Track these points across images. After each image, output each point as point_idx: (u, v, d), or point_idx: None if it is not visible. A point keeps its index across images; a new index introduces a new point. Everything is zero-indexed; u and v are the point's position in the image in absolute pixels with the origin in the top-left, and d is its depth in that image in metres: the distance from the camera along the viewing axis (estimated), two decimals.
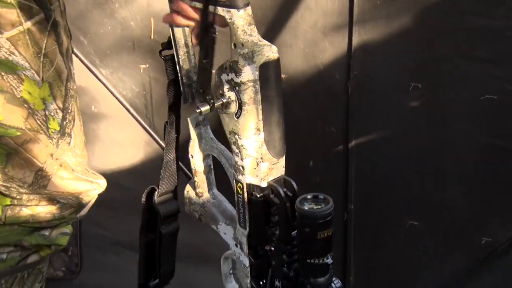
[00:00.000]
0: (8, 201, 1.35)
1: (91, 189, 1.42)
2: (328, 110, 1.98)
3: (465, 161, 1.81)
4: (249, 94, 1.03)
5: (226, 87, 1.04)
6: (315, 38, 1.88)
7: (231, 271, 1.30)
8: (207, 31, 1.03)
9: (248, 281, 1.20)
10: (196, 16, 1.08)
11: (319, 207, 1.01)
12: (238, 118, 1.05)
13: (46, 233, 1.42)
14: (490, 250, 1.78)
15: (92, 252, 2.01)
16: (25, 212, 1.36)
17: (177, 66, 1.18)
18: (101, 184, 1.44)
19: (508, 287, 1.78)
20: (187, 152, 1.26)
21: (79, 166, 1.41)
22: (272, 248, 1.14)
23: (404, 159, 1.92)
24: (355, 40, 1.83)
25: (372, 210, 1.98)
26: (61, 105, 1.34)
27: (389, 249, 2.01)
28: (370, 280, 2.03)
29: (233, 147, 1.08)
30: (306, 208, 1.01)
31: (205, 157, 1.26)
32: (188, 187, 1.30)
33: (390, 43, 1.80)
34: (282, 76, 1.72)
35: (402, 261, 1.99)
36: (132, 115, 1.98)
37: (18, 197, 1.35)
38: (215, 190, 1.29)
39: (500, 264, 1.78)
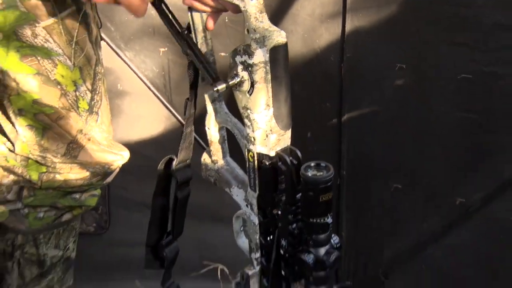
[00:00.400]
0: (44, 168, 1.37)
1: (116, 159, 1.44)
2: (324, 88, 1.98)
3: (442, 132, 1.81)
4: (260, 74, 1.03)
5: (239, 67, 1.04)
6: (313, 25, 1.87)
7: (241, 228, 1.31)
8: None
9: (257, 237, 1.20)
10: (212, 3, 1.08)
11: (322, 173, 1.01)
12: (250, 95, 1.04)
13: (77, 196, 1.44)
14: (463, 209, 1.78)
15: (119, 211, 2.03)
16: (59, 178, 1.38)
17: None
18: (125, 156, 1.46)
19: (479, 241, 1.79)
20: (203, 125, 1.25)
21: (106, 140, 1.42)
22: (279, 212, 1.13)
23: (389, 131, 1.92)
24: (348, 27, 1.82)
25: (362, 176, 1.98)
26: (90, 87, 1.35)
27: (376, 209, 2.01)
28: (359, 236, 2.04)
29: (246, 120, 1.08)
30: (310, 175, 1.00)
31: (220, 129, 1.25)
32: (204, 155, 1.29)
33: (379, 29, 1.79)
34: None
35: (387, 219, 2.00)
36: (152, 92, 1.98)
37: (52, 165, 1.37)
38: (228, 158, 1.28)
39: (472, 221, 1.78)
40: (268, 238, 1.18)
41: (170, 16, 1.13)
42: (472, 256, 1.81)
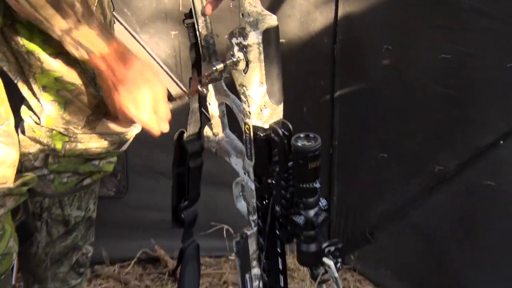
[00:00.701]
0: (66, 138, 1.37)
1: (130, 130, 1.44)
2: (318, 68, 1.97)
3: (423, 107, 1.81)
4: (254, 54, 1.03)
5: (235, 48, 1.04)
6: (309, 9, 1.86)
7: (240, 193, 1.30)
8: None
9: (254, 200, 1.20)
10: None
11: (310, 143, 1.01)
12: (245, 73, 1.05)
13: (96, 162, 1.44)
14: (441, 176, 1.78)
15: (136, 177, 2.02)
16: (80, 147, 1.38)
17: (197, 32, 1.17)
18: (138, 127, 1.45)
19: (454, 204, 1.79)
20: (206, 101, 1.25)
21: None
22: (273, 182, 1.14)
23: (377, 105, 1.92)
24: (340, 11, 1.82)
25: (351, 146, 1.99)
26: None
27: (364, 175, 2.02)
28: (349, 199, 2.05)
29: (242, 96, 1.09)
30: (299, 144, 1.01)
31: (219, 105, 1.25)
32: (206, 128, 1.30)
33: (368, 14, 1.79)
34: (283, 40, 1.72)
35: (373, 185, 2.00)
36: (165, 72, 1.97)
37: (74, 136, 1.37)
38: (227, 131, 1.29)
39: (448, 186, 1.79)
40: (264, 202, 1.19)
41: None
42: (448, 217, 1.81)
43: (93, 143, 1.38)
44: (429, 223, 1.88)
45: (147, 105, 1.12)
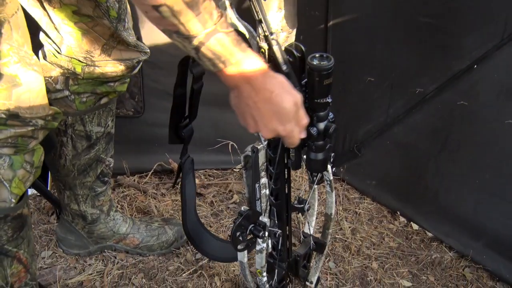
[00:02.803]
0: (85, 64, 1.37)
1: (139, 56, 1.43)
2: (314, 1, 1.93)
3: (407, 34, 1.79)
4: None
5: None
6: None
7: None
8: None
9: None
10: None
11: (325, 62, 0.99)
12: (265, 0, 1.01)
13: (112, 84, 1.45)
14: (421, 97, 1.79)
15: (151, 99, 2.02)
16: (97, 70, 1.39)
17: None
18: (147, 52, 1.44)
19: (432, 120, 1.80)
20: None
21: (132, 41, 1.40)
22: None
23: (365, 34, 1.90)
24: None
25: (343, 70, 1.96)
26: None
27: (353, 96, 2.01)
28: (339, 118, 2.03)
29: (258, 22, 1.01)
30: (315, 63, 0.99)
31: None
32: None
33: None
34: None
35: (361, 105, 2.00)
36: None
37: (91, 62, 1.37)
38: None
39: (427, 105, 1.80)
40: None
41: None
42: (427, 132, 1.83)
43: (109, 67, 1.39)
44: (409, 139, 1.89)
45: (292, 117, 0.96)
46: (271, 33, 0.97)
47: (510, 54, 1.52)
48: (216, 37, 0.88)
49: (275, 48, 0.97)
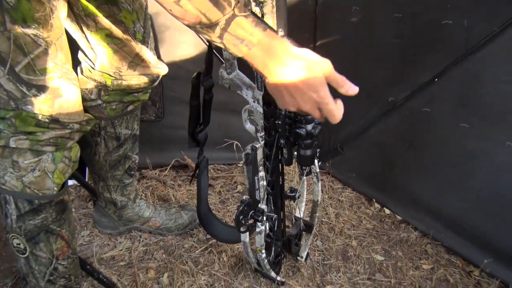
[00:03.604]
0: (114, 77, 1.38)
1: (160, 72, 1.43)
2: (303, 24, 1.95)
3: (381, 52, 1.79)
4: (268, 8, 1.02)
5: (253, 4, 1.03)
6: None
7: (247, 117, 1.31)
8: None
9: (262, 121, 1.21)
10: None
11: None
12: None
13: (136, 94, 1.44)
14: (393, 104, 1.79)
15: (170, 106, 2.01)
16: (124, 83, 1.39)
17: None
18: (165, 69, 1.44)
19: (401, 125, 1.80)
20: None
21: (153, 60, 1.40)
22: (279, 122, 1.14)
23: (347, 52, 1.90)
24: None
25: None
26: (142, 24, 1.32)
27: None
28: (325, 123, 2.06)
29: None
30: None
31: None
32: (221, 69, 1.26)
33: None
34: None
35: (344, 111, 1.96)
36: None
37: (119, 77, 1.37)
38: (238, 70, 1.25)
39: (398, 111, 1.79)
40: (269, 122, 1.20)
41: None
42: (397, 133, 1.82)
43: (134, 80, 1.39)
44: (383, 138, 1.89)
45: (324, 82, 0.89)
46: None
47: (464, 70, 1.54)
48: (235, 22, 0.82)
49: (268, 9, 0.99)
